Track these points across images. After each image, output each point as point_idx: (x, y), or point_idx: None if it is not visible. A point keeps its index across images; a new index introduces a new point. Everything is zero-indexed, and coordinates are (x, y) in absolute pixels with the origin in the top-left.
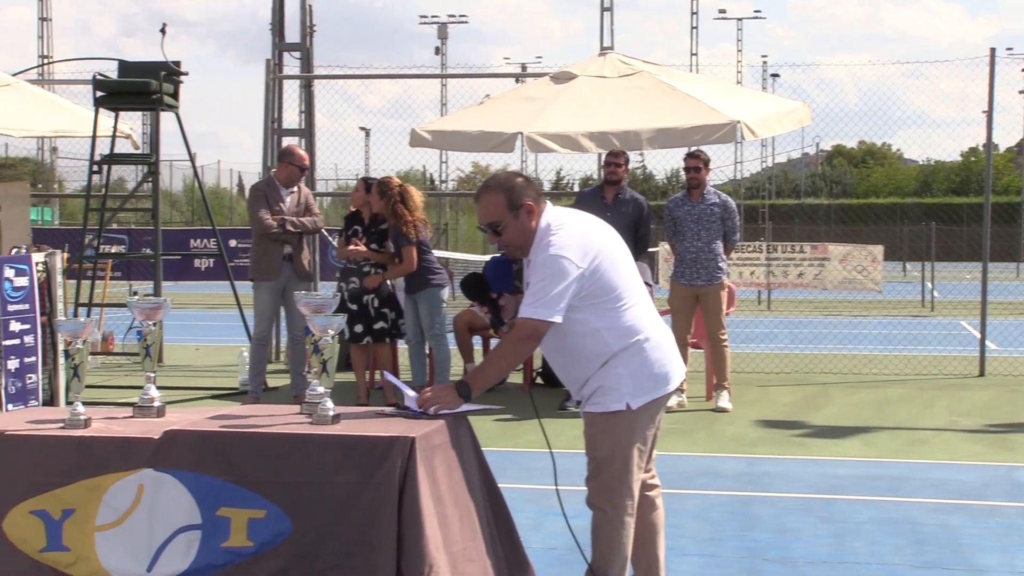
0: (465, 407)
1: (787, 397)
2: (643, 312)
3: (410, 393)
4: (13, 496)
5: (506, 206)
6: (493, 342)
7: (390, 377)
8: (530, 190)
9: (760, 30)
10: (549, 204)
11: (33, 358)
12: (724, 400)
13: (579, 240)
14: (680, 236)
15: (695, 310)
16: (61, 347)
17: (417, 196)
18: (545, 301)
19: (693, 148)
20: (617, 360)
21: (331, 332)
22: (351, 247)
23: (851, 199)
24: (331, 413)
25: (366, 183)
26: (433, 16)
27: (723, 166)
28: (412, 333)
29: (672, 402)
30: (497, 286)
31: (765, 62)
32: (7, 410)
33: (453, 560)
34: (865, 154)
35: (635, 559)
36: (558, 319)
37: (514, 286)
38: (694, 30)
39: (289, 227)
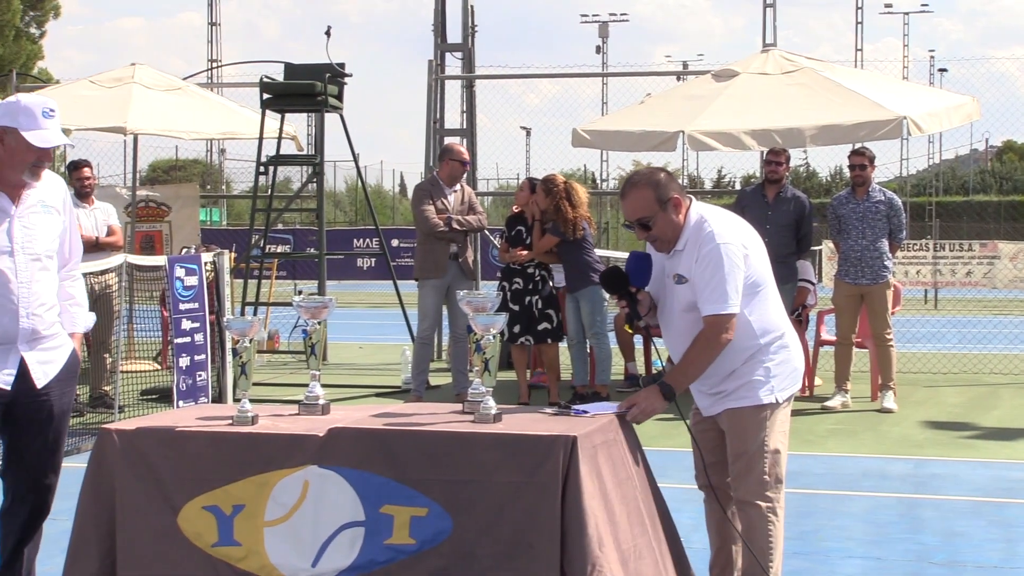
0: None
1: (955, 398)
2: (780, 308)
3: (612, 407)
4: (185, 491)
5: (655, 201)
6: (657, 341)
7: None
8: (674, 184)
9: (927, 24)
10: (693, 199)
11: (203, 356)
12: (889, 400)
13: (736, 229)
14: (845, 234)
15: (860, 309)
16: (229, 345)
17: (582, 193)
18: (727, 294)
19: (858, 145)
20: (763, 353)
21: (493, 331)
22: (514, 251)
23: (1022, 196)
24: (493, 411)
25: (531, 183)
26: (594, 15)
27: (888, 163)
28: (574, 332)
29: (836, 402)
30: (637, 280)
31: (932, 57)
32: (178, 406)
33: (624, 558)
34: None
35: (717, 553)
36: (737, 308)
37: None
38: (859, 25)
39: (455, 225)
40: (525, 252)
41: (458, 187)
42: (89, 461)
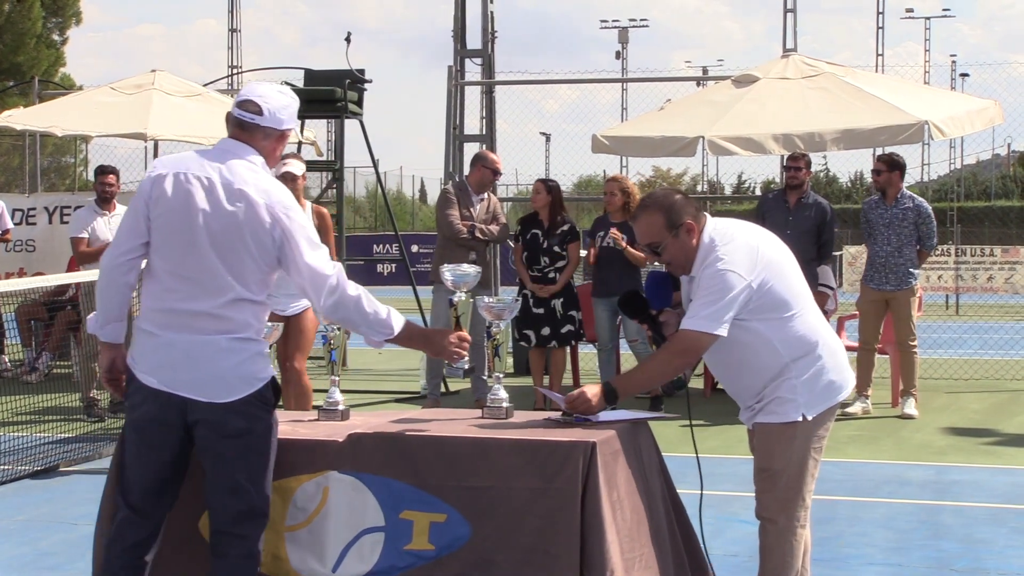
0: (642, 414)
1: (977, 404)
2: (814, 320)
3: (627, 415)
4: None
5: (665, 226)
6: None
7: (548, 393)
8: (689, 207)
9: (946, 29)
10: (710, 217)
11: None
12: (910, 407)
13: (746, 253)
14: (872, 239)
15: (884, 314)
16: None
17: None
18: (708, 314)
19: (885, 151)
20: (790, 371)
21: (504, 318)
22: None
23: None
24: (505, 404)
25: (546, 184)
26: (614, 20)
27: (910, 168)
28: (607, 338)
29: (857, 408)
30: (656, 302)
31: (954, 61)
32: None
33: (628, 567)
34: None
35: None
36: (722, 332)
37: (674, 302)
38: (880, 30)
39: (478, 233)
40: (550, 287)
41: (484, 195)
42: (111, 466)
